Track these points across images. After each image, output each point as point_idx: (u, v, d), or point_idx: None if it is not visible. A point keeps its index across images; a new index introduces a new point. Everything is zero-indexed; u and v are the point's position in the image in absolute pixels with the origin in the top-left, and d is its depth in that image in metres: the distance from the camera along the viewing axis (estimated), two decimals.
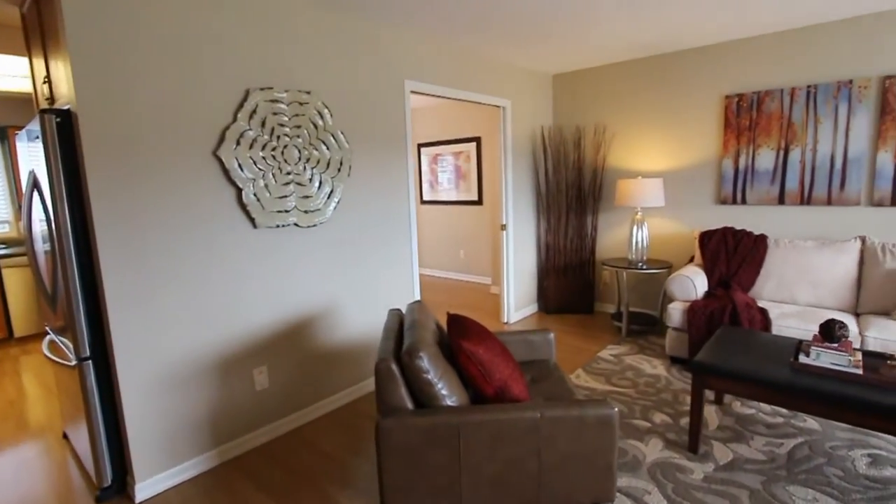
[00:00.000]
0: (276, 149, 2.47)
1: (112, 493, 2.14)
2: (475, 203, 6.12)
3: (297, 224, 2.60)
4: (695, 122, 3.94)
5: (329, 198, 2.75)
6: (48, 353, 2.24)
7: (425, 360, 1.65)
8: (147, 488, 2.14)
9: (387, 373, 1.66)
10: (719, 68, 3.76)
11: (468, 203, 6.19)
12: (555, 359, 2.51)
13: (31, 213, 2.33)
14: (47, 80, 2.15)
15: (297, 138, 2.57)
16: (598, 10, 2.91)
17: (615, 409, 1.67)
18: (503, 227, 4.33)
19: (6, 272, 4.34)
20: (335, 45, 2.78)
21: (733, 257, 3.52)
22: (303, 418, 2.74)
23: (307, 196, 2.63)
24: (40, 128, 1.88)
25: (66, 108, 1.94)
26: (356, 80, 2.91)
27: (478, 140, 5.90)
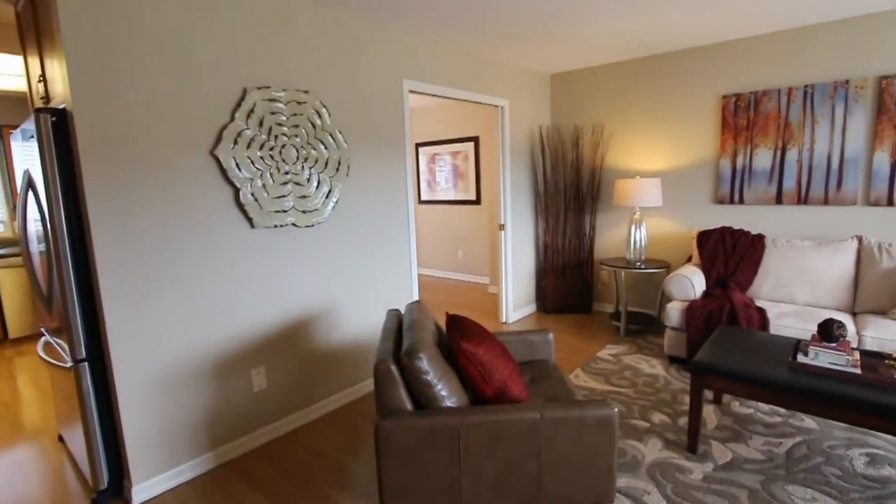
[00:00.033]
0: (273, 148, 2.45)
1: (108, 496, 2.12)
2: (473, 203, 6.11)
3: (295, 224, 2.59)
4: (692, 121, 3.95)
5: (327, 198, 2.74)
6: (43, 355, 2.23)
7: (425, 361, 1.64)
8: (144, 491, 2.12)
9: (386, 374, 1.65)
10: (717, 68, 3.77)
11: (466, 203, 6.19)
12: (554, 359, 2.51)
13: (26, 213, 2.31)
14: (42, 79, 2.13)
15: (296, 138, 2.55)
16: (596, 9, 2.91)
17: (615, 410, 1.67)
18: (501, 226, 4.32)
19: (1, 273, 4.31)
20: (333, 45, 2.77)
21: (731, 257, 3.53)
22: (301, 419, 2.73)
23: (305, 196, 2.62)
24: (35, 127, 1.86)
25: (61, 106, 1.93)
26: (354, 79, 2.90)
27: (476, 140, 5.90)
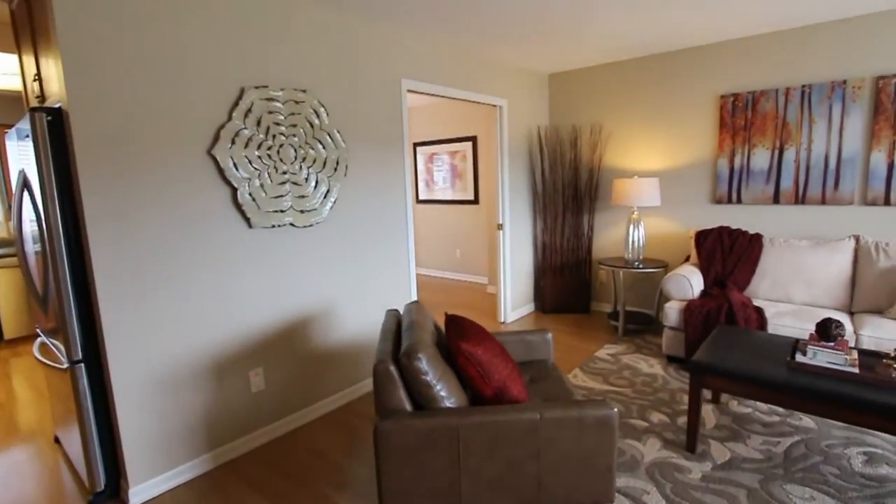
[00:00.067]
0: (271, 148, 2.44)
1: (105, 498, 2.10)
2: (471, 202, 6.10)
3: (293, 224, 2.58)
4: (690, 121, 3.95)
5: (325, 197, 2.73)
6: (39, 356, 2.21)
7: (424, 361, 1.63)
8: (141, 493, 2.11)
9: (385, 374, 1.64)
10: (714, 68, 3.78)
11: (464, 202, 6.18)
12: (553, 359, 2.50)
13: (22, 213, 2.29)
14: (38, 78, 2.11)
15: (294, 137, 2.54)
16: (594, 9, 2.91)
17: (615, 410, 1.67)
18: (500, 226, 4.32)
19: None
20: (331, 44, 2.75)
21: (729, 256, 3.54)
22: (299, 420, 2.72)
23: (303, 196, 2.61)
24: (30, 126, 1.85)
25: (57, 106, 1.91)
26: (353, 78, 2.88)
27: (474, 139, 5.89)
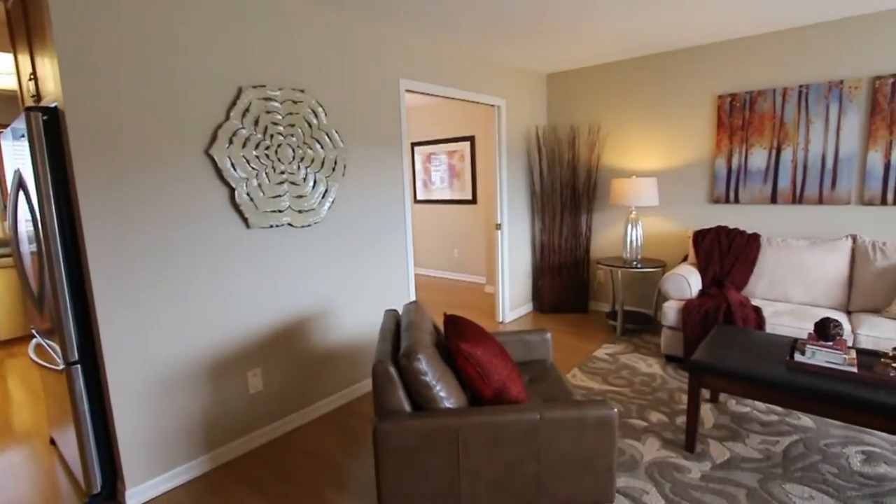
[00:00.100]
0: (269, 148, 2.43)
1: (101, 500, 2.09)
2: (469, 202, 6.10)
3: (291, 224, 2.57)
4: (688, 121, 3.96)
5: (323, 197, 2.72)
6: (35, 357, 2.19)
7: (423, 361, 1.63)
8: (138, 494, 2.09)
9: (384, 375, 1.63)
10: (712, 68, 3.78)
11: (462, 202, 6.18)
12: (552, 359, 2.50)
13: (17, 213, 2.28)
14: (33, 77, 2.09)
15: (291, 137, 2.53)
16: (592, 9, 2.91)
17: (615, 410, 1.66)
18: (498, 226, 4.32)
19: None
20: (329, 44, 2.74)
21: (727, 256, 3.54)
22: (298, 421, 2.71)
23: (301, 195, 2.60)
24: (26, 126, 1.83)
25: (52, 105, 1.89)
26: (351, 78, 2.87)
27: (472, 139, 5.89)
